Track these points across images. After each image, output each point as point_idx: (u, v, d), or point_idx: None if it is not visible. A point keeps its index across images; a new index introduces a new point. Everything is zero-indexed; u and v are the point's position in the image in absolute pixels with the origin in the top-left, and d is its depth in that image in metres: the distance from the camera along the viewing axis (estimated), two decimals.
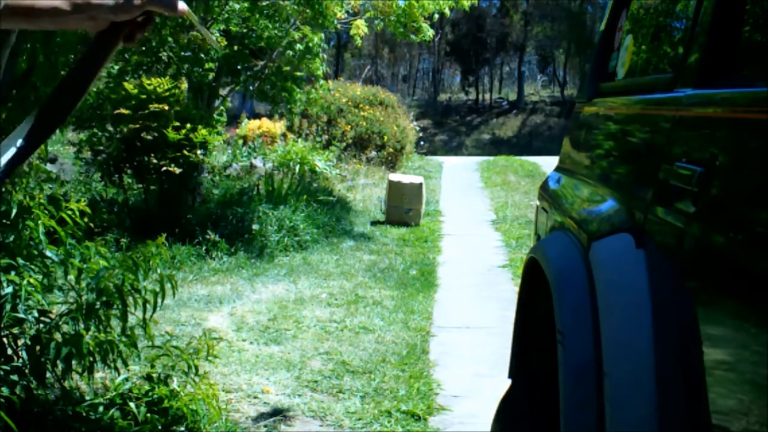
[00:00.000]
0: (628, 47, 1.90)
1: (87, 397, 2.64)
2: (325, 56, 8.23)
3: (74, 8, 1.01)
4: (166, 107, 6.06)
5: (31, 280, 2.47)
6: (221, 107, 7.83)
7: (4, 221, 2.52)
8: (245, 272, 5.67)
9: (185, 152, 6.13)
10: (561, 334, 1.34)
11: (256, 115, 15.82)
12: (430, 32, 8.31)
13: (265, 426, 2.99)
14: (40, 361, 2.56)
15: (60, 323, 2.59)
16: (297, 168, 8.92)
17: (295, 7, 7.20)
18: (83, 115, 6.49)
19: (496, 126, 34.98)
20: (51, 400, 2.61)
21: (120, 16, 1.02)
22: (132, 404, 2.59)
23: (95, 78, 1.09)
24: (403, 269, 6.07)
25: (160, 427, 2.60)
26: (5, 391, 2.37)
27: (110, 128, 6.30)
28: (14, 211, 2.50)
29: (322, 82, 8.25)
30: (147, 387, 2.73)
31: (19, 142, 1.00)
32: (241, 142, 10.98)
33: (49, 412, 2.53)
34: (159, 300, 2.78)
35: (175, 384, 2.74)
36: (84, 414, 2.56)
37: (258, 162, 9.51)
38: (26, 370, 2.50)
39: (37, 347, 2.52)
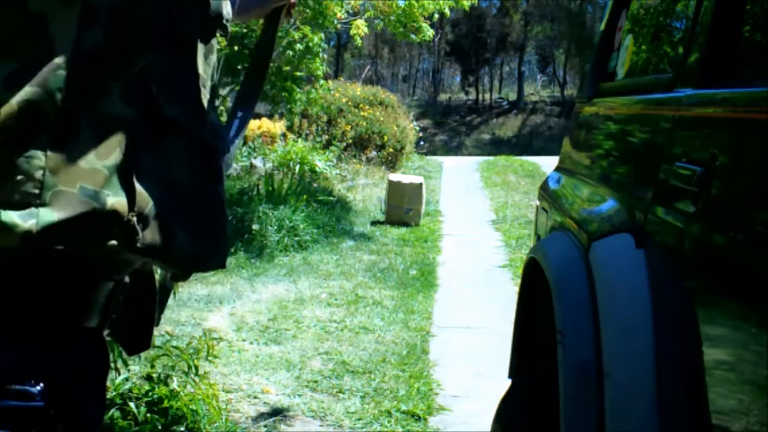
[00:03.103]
0: (628, 47, 1.90)
1: None
2: (325, 56, 8.23)
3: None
4: None
5: None
6: (221, 107, 7.83)
7: None
8: (245, 272, 5.67)
9: None
10: (561, 334, 1.34)
11: (256, 115, 15.82)
12: (430, 32, 8.31)
13: (265, 426, 2.99)
14: None
15: None
16: (297, 168, 8.92)
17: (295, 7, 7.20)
18: None
19: (496, 126, 34.99)
20: None
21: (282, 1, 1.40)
22: (132, 404, 2.59)
23: (273, 50, 1.47)
24: (403, 269, 6.07)
25: (160, 427, 2.60)
26: None
27: None
28: None
29: (322, 82, 8.25)
30: (147, 387, 2.73)
31: (239, 113, 1.32)
32: (240, 142, 10.97)
33: None
34: None
35: (175, 384, 2.74)
36: None
37: (258, 162, 9.51)
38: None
39: None
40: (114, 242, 0.94)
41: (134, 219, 0.94)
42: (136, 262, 1.07)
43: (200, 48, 1.06)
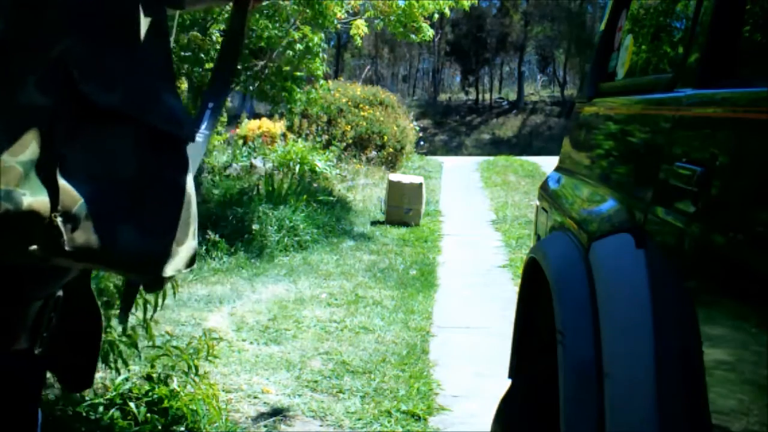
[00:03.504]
0: (628, 47, 1.90)
1: (87, 397, 2.64)
2: (325, 56, 8.23)
3: None
4: None
5: None
6: None
7: None
8: (245, 272, 5.67)
9: None
10: (561, 334, 1.34)
11: (256, 115, 15.82)
12: (430, 32, 8.30)
13: (265, 426, 2.99)
14: None
15: None
16: (297, 168, 8.92)
17: (295, 7, 7.20)
18: None
19: (496, 126, 34.98)
20: (51, 400, 2.61)
21: None
22: (132, 404, 2.59)
23: (244, 38, 1.39)
24: (403, 269, 6.07)
25: (160, 427, 2.60)
26: None
27: None
28: None
29: (322, 82, 8.24)
30: (147, 387, 2.73)
31: (210, 104, 1.25)
32: (241, 142, 10.97)
33: (49, 412, 2.53)
34: (159, 300, 2.78)
35: (175, 384, 2.74)
36: (84, 414, 2.56)
37: (258, 162, 9.50)
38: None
39: None
40: (35, 247, 0.85)
41: (58, 219, 0.85)
42: (72, 270, 0.99)
43: (147, 28, 0.97)
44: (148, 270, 0.96)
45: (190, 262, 1.00)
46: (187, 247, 0.99)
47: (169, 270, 0.97)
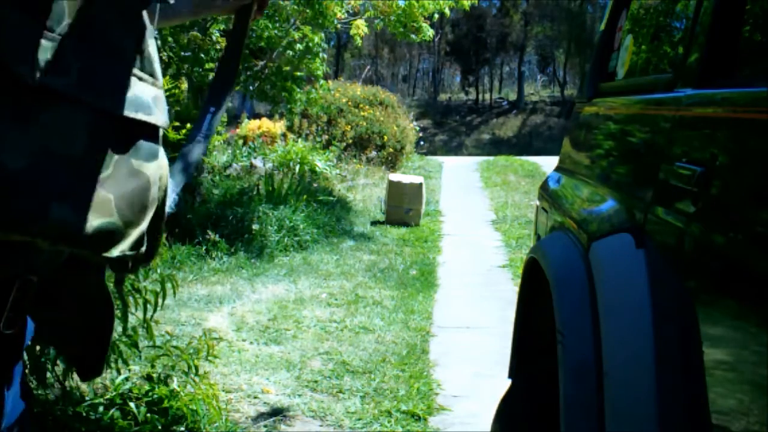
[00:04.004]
0: (628, 47, 1.90)
1: (87, 397, 2.64)
2: (325, 56, 8.22)
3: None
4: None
5: None
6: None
7: None
8: (245, 272, 5.67)
9: None
10: (561, 334, 1.34)
11: (256, 115, 15.81)
12: (430, 32, 8.30)
13: (265, 426, 2.99)
14: (40, 361, 2.56)
15: None
16: (297, 168, 8.92)
17: (295, 7, 7.20)
18: None
19: (496, 126, 34.98)
20: (51, 400, 2.61)
21: None
22: (132, 404, 2.59)
23: (244, 46, 1.44)
24: (403, 269, 6.07)
25: (160, 427, 2.60)
26: None
27: None
28: None
29: (322, 82, 8.24)
30: (147, 387, 2.73)
31: (211, 108, 1.30)
32: (241, 142, 10.96)
33: (49, 412, 2.53)
34: (160, 300, 2.78)
35: (175, 384, 2.74)
36: (84, 414, 2.56)
37: (258, 162, 9.50)
38: (26, 370, 2.50)
39: (37, 347, 2.52)
40: None
41: None
42: (37, 252, 1.01)
43: (117, 16, 0.98)
44: (87, 247, 0.97)
45: (137, 245, 1.02)
46: (139, 230, 1.02)
47: (115, 251, 0.99)
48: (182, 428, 2.66)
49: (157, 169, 1.03)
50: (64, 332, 1.14)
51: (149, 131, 1.02)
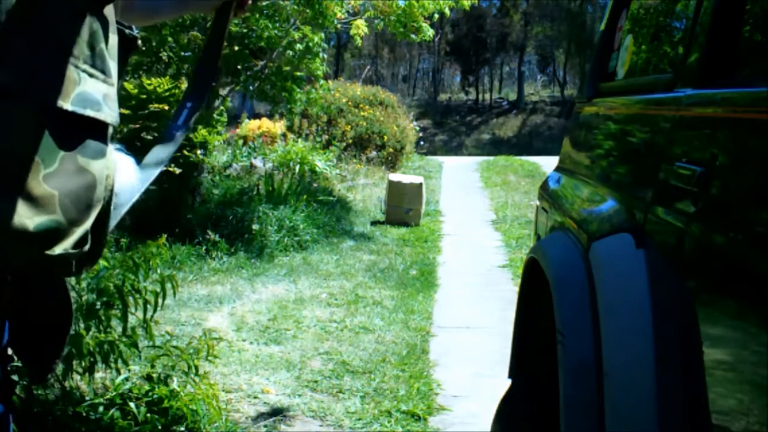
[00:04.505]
0: (628, 47, 1.90)
1: (87, 397, 2.64)
2: (325, 56, 8.22)
3: None
4: (166, 107, 6.05)
5: None
6: (221, 107, 7.83)
7: None
8: (245, 272, 5.67)
9: (185, 152, 6.13)
10: (561, 334, 1.34)
11: (256, 115, 15.81)
12: (430, 32, 8.30)
13: (265, 426, 2.99)
14: None
15: None
16: (297, 168, 8.92)
17: (295, 7, 7.20)
18: None
19: (496, 126, 34.98)
20: (51, 400, 2.61)
21: None
22: (132, 404, 2.59)
23: (223, 44, 1.44)
24: (403, 269, 6.07)
25: (160, 427, 2.61)
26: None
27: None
28: None
29: (322, 82, 8.24)
30: (147, 387, 2.73)
31: (189, 104, 1.31)
32: (241, 142, 10.97)
33: (49, 412, 2.53)
34: (160, 300, 2.78)
35: (175, 384, 2.74)
36: (84, 414, 2.56)
37: (258, 162, 9.50)
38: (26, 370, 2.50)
39: None
40: None
41: None
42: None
43: (68, 9, 0.97)
44: (30, 244, 0.95)
45: (80, 244, 1.00)
46: (83, 228, 1.00)
47: (58, 249, 0.98)
48: (182, 428, 2.66)
49: (103, 167, 1.01)
50: (22, 331, 1.12)
51: (97, 128, 1.01)
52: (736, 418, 0.93)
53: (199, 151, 6.30)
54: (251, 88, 7.70)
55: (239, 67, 7.40)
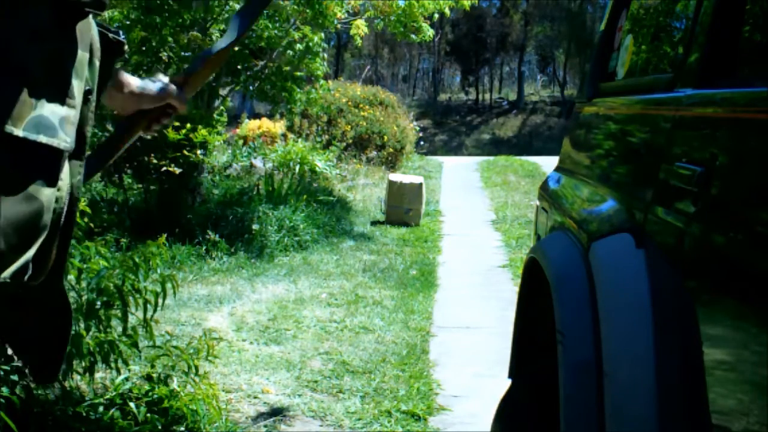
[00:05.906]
0: (628, 47, 1.90)
1: (87, 397, 2.64)
2: (325, 56, 8.22)
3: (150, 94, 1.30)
4: None
5: None
6: (221, 107, 7.83)
7: None
8: (245, 272, 5.67)
9: (185, 152, 6.13)
10: (561, 334, 1.34)
11: (256, 115, 15.82)
12: (430, 32, 8.31)
13: (265, 426, 2.99)
14: None
15: None
16: (297, 168, 8.92)
17: (295, 7, 7.20)
18: None
19: (496, 126, 34.98)
20: (51, 400, 2.61)
21: (157, 102, 1.29)
22: (132, 404, 2.59)
23: (120, 148, 1.35)
24: (403, 269, 6.07)
25: (160, 427, 2.60)
26: (5, 391, 2.37)
27: (110, 128, 6.30)
28: None
29: (322, 82, 8.24)
30: (147, 387, 2.73)
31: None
32: (241, 142, 10.97)
33: (49, 412, 2.53)
34: (160, 300, 2.78)
35: (175, 384, 2.74)
36: (84, 414, 2.56)
37: (258, 162, 9.50)
38: (26, 370, 2.50)
39: None
40: None
41: None
42: None
43: (25, 30, 0.93)
44: None
45: (20, 273, 0.96)
46: (25, 257, 0.96)
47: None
48: (182, 428, 2.66)
49: (52, 195, 0.97)
50: (23, 335, 1.11)
51: (50, 154, 0.96)
52: (736, 418, 0.93)
53: (199, 151, 6.30)
54: (251, 88, 7.70)
55: (239, 67, 7.40)
